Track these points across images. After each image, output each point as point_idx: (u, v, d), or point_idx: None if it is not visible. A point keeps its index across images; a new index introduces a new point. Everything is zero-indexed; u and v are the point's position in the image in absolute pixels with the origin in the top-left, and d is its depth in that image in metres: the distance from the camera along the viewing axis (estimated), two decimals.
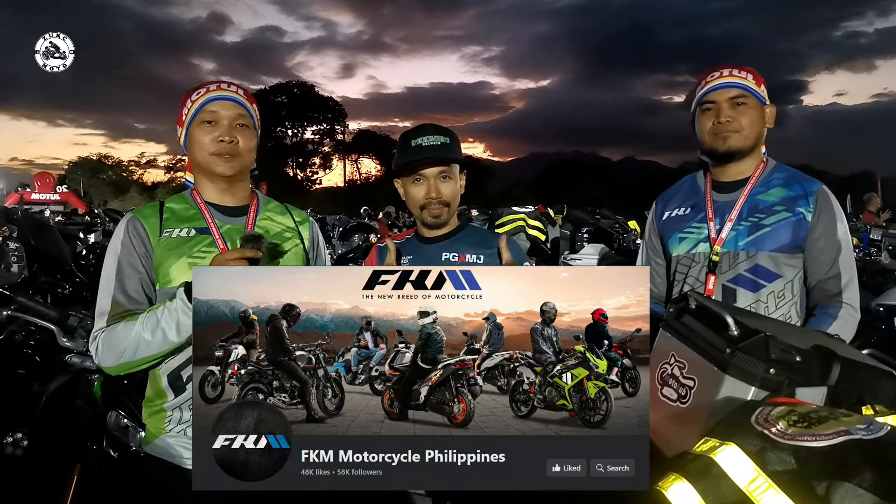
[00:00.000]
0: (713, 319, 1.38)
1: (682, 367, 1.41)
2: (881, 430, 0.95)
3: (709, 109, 2.25)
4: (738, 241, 2.21)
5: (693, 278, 2.29)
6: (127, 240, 1.92)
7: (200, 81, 2.13)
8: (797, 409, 1.05)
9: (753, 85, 2.23)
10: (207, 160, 1.97)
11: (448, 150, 2.10)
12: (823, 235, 2.18)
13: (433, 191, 2.09)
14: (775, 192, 2.24)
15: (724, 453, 1.02)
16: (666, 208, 2.45)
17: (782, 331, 1.36)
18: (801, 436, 0.97)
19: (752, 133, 2.22)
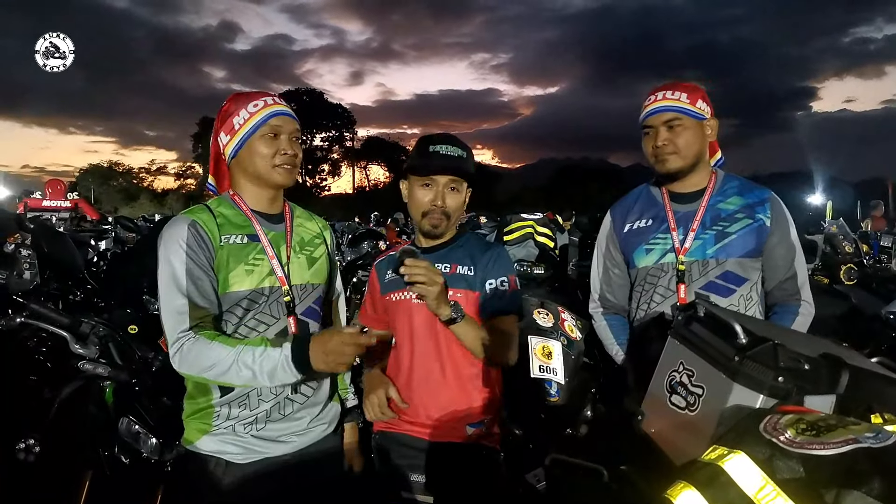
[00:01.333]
0: (721, 327, 1.38)
1: (691, 375, 1.41)
2: (890, 439, 0.94)
3: (648, 133, 2.34)
4: (706, 249, 2.29)
5: (663, 287, 2.34)
6: (193, 242, 1.94)
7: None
8: (806, 418, 1.05)
9: (687, 104, 2.29)
10: (269, 171, 2.04)
11: (464, 163, 2.14)
12: (781, 240, 2.31)
13: (439, 198, 2.11)
14: (733, 201, 2.33)
15: (733, 461, 1.02)
16: (626, 220, 2.49)
17: (790, 338, 1.36)
18: (810, 444, 0.97)
19: (689, 153, 2.30)
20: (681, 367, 1.45)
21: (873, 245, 7.56)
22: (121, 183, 67.10)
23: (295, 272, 2.08)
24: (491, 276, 2.16)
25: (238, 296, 1.95)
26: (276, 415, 2.00)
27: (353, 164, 77.92)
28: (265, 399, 1.98)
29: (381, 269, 2.30)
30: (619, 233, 2.50)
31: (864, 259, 6.40)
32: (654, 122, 2.30)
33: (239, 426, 1.96)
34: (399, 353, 2.19)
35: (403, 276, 1.92)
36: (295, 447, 2.04)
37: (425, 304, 1.97)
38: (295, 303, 2.04)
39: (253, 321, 1.97)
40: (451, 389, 2.12)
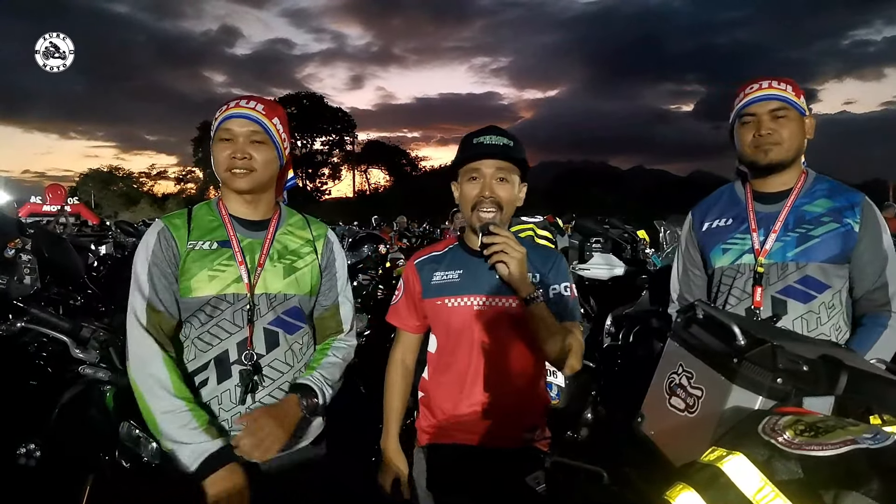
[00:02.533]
0: (720, 329, 1.38)
1: (690, 377, 1.41)
2: (888, 440, 0.94)
3: (749, 122, 2.25)
4: (787, 252, 2.20)
5: (739, 290, 2.27)
6: (159, 248, 1.99)
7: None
8: (804, 419, 1.05)
9: (793, 97, 2.21)
10: (224, 175, 2.04)
11: (510, 150, 2.03)
12: (871, 246, 2.18)
13: (487, 189, 2.01)
14: (821, 203, 2.23)
15: (732, 463, 1.02)
16: (705, 219, 2.43)
17: (790, 340, 1.36)
18: (809, 445, 0.97)
19: (792, 145, 2.22)
20: (680, 368, 1.45)
21: None
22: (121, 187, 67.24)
23: (265, 281, 2.05)
24: (553, 282, 2.09)
25: (199, 301, 1.97)
26: (237, 426, 1.95)
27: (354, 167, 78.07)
28: (225, 408, 1.98)
29: (422, 269, 2.20)
30: (698, 232, 2.45)
31: None
32: (759, 109, 2.22)
33: None
34: (452, 360, 2.11)
35: (485, 250, 1.85)
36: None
37: (506, 277, 1.84)
38: (259, 312, 2.02)
39: (216, 328, 1.98)
40: (510, 396, 2.06)
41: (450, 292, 2.09)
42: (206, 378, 1.98)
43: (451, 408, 2.07)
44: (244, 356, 1.99)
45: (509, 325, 2.02)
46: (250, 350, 1.99)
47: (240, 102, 2.07)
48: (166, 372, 1.89)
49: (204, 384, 1.98)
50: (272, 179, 2.12)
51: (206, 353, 1.98)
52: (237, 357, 1.99)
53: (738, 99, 2.29)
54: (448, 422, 2.08)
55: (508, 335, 2.03)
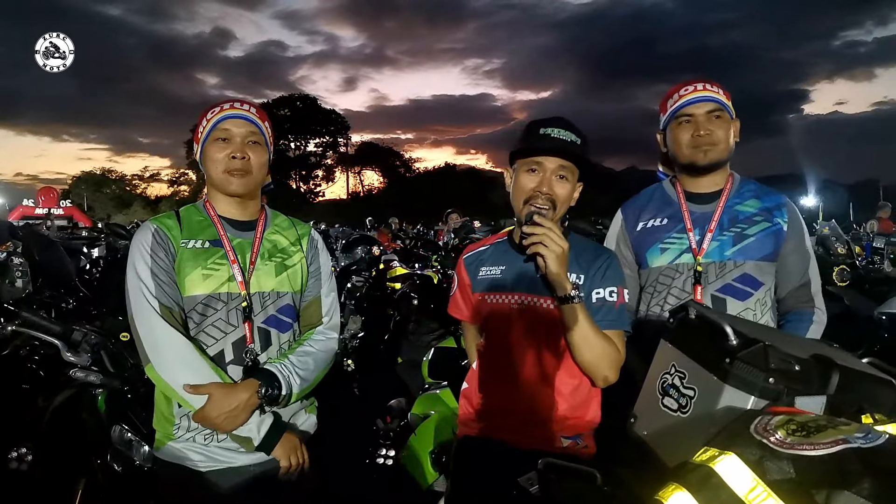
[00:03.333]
0: (712, 329, 1.38)
1: (683, 377, 1.41)
2: (879, 439, 0.95)
3: (686, 122, 2.27)
4: (724, 250, 2.24)
5: (678, 289, 2.29)
6: (157, 245, 1.98)
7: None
8: (796, 419, 1.05)
9: (725, 99, 2.26)
10: (220, 176, 2.04)
11: (577, 149, 1.94)
12: (796, 245, 2.28)
13: (545, 184, 1.93)
14: (751, 204, 2.30)
15: (724, 462, 1.02)
16: (640, 218, 2.43)
17: (781, 339, 1.36)
18: (800, 445, 0.97)
19: (727, 146, 2.27)
20: (672, 369, 1.45)
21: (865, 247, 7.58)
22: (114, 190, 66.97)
23: (258, 279, 2.06)
24: (599, 285, 1.99)
25: (194, 300, 1.97)
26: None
27: (348, 169, 77.94)
28: None
29: (470, 263, 2.16)
30: (632, 231, 2.44)
31: (857, 260, 6.41)
32: (696, 110, 2.25)
33: (199, 436, 1.97)
34: (492, 355, 2.07)
35: (524, 240, 1.82)
36: (257, 458, 2.01)
37: (546, 271, 1.81)
38: (254, 310, 2.03)
39: (211, 328, 1.98)
40: (550, 399, 1.97)
41: (491, 287, 2.05)
42: None
43: (489, 402, 2.04)
44: (245, 353, 1.99)
45: (548, 326, 1.94)
46: (251, 347, 2.00)
47: (234, 104, 2.08)
48: (199, 358, 1.91)
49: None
50: (263, 181, 2.13)
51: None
52: (233, 357, 1.99)
53: (671, 100, 2.32)
54: (485, 416, 2.05)
55: (548, 337, 1.95)
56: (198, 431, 1.96)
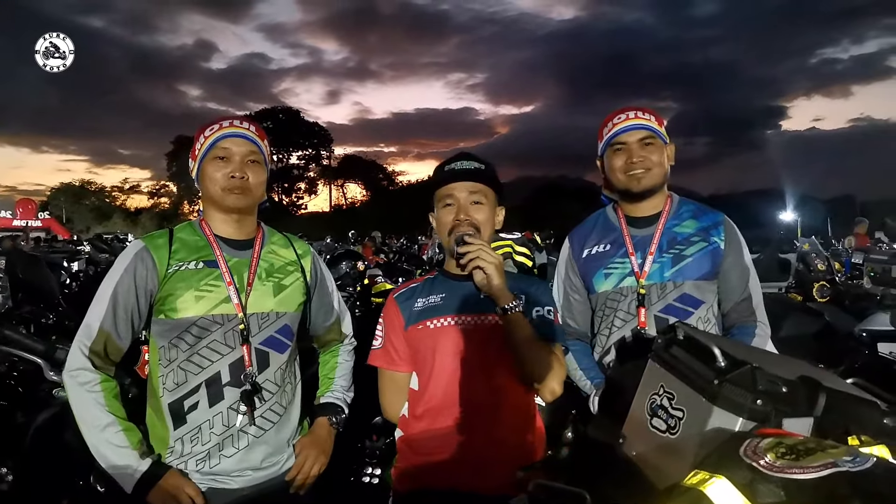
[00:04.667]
0: (700, 350, 1.39)
1: (671, 398, 1.41)
2: (867, 462, 0.96)
3: (620, 150, 2.35)
4: (664, 272, 2.31)
5: (623, 311, 2.35)
6: (132, 268, 1.96)
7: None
8: (785, 441, 1.06)
9: (657, 126, 2.34)
10: (219, 195, 2.02)
11: (483, 173, 2.04)
12: (735, 262, 2.35)
13: (462, 212, 2.00)
14: (688, 224, 2.38)
15: (714, 486, 1.02)
16: (585, 245, 2.50)
17: (768, 361, 1.37)
18: (790, 468, 0.98)
19: (660, 171, 2.35)
20: (661, 389, 1.46)
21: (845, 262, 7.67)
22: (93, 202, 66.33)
23: (256, 300, 2.04)
24: (537, 304, 2.07)
25: (186, 322, 1.94)
26: (229, 448, 1.97)
27: (330, 182, 77.90)
28: (216, 431, 1.95)
29: (404, 301, 2.12)
30: (578, 258, 2.51)
31: (837, 276, 6.49)
32: (628, 138, 2.33)
33: (191, 462, 1.95)
34: (436, 390, 1.98)
35: (460, 259, 1.86)
36: (252, 481, 2.01)
37: (482, 283, 1.86)
38: (251, 332, 2.00)
39: (206, 350, 1.95)
40: (504, 427, 1.95)
41: (432, 314, 2.04)
42: (196, 402, 1.95)
43: (437, 446, 1.95)
44: (244, 376, 1.97)
45: (497, 344, 1.95)
46: (250, 369, 1.98)
47: (234, 122, 2.06)
48: (101, 393, 1.89)
49: (194, 408, 1.95)
50: (260, 200, 2.12)
51: (197, 376, 1.95)
52: (229, 378, 1.96)
53: (606, 129, 2.41)
54: (434, 462, 1.95)
55: (497, 357, 1.95)
56: (191, 457, 1.94)
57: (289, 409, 2.11)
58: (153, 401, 2.00)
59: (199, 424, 1.95)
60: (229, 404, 1.96)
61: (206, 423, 1.95)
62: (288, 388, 2.12)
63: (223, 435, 1.96)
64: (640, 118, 2.33)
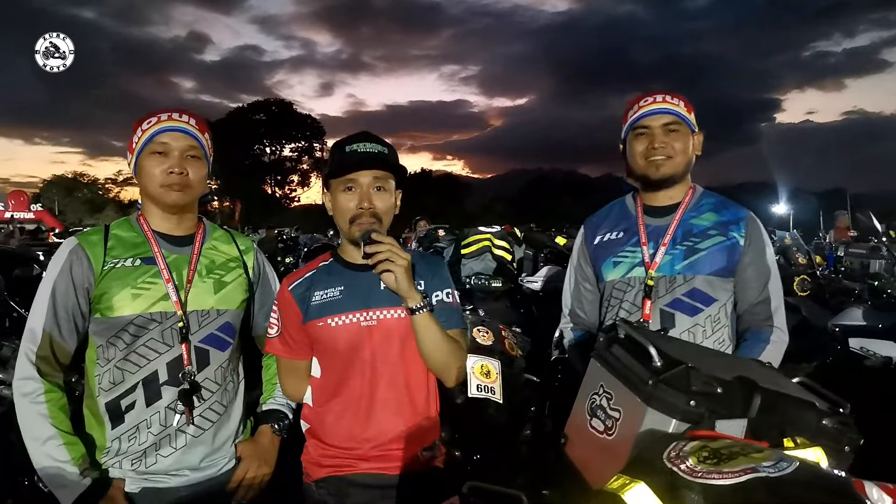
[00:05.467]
0: (639, 349, 1.36)
1: (610, 399, 1.39)
2: (789, 467, 0.93)
3: (642, 134, 2.25)
4: (675, 264, 2.20)
5: (629, 303, 2.26)
6: (67, 268, 1.91)
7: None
8: (710, 445, 1.03)
9: (685, 112, 2.23)
10: (157, 191, 1.96)
11: (386, 157, 1.94)
12: (754, 261, 2.22)
13: (365, 200, 1.90)
14: (707, 217, 2.25)
15: (633, 492, 1.00)
16: (597, 233, 2.42)
17: (709, 361, 1.34)
18: (710, 473, 0.95)
19: (683, 160, 2.23)
20: (601, 389, 1.43)
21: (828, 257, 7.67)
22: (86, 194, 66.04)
23: (196, 297, 1.99)
24: (437, 287, 2.01)
25: (122, 321, 1.89)
26: (166, 447, 1.93)
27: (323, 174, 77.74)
28: (153, 431, 1.92)
29: (300, 294, 2.00)
30: (590, 246, 2.42)
31: (818, 271, 6.48)
32: (652, 122, 2.22)
33: (125, 461, 1.91)
34: (343, 383, 1.94)
35: (368, 259, 1.79)
36: (189, 481, 1.97)
37: (393, 285, 1.81)
38: (190, 329, 1.96)
39: (143, 348, 1.90)
40: (409, 415, 1.95)
41: (332, 311, 1.94)
42: (134, 401, 1.91)
43: (346, 435, 1.93)
44: (182, 375, 1.93)
45: (401, 337, 1.92)
46: (188, 368, 1.94)
47: (172, 115, 1.99)
48: (45, 405, 1.85)
49: (131, 408, 1.91)
50: (200, 195, 2.07)
51: (134, 375, 1.90)
52: (167, 377, 1.92)
53: (630, 111, 2.29)
54: (344, 450, 1.93)
55: (402, 349, 1.92)
56: (126, 456, 1.91)
57: (229, 408, 2.07)
58: (89, 401, 1.95)
59: (137, 424, 1.91)
60: (167, 403, 1.92)
61: (143, 423, 1.91)
62: (230, 388, 2.08)
63: (160, 434, 1.92)
64: (667, 102, 2.22)
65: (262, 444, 2.13)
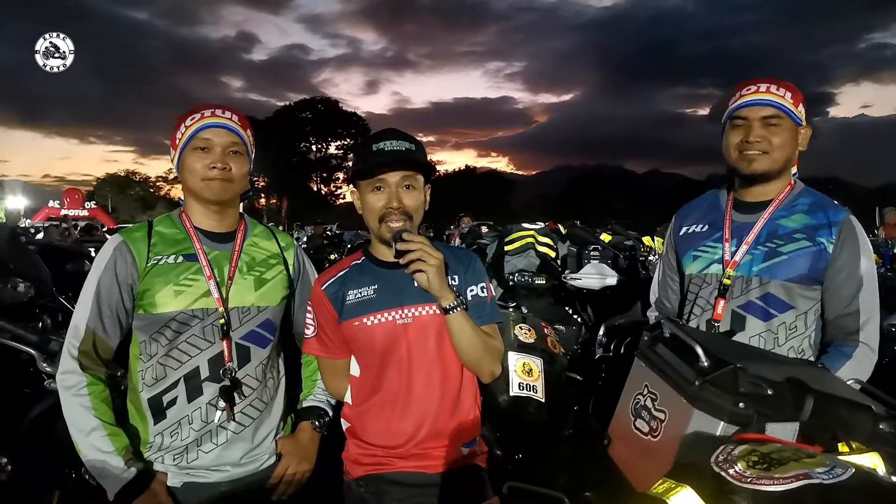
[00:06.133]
0: (685, 349, 1.32)
1: (654, 399, 1.35)
2: (844, 474, 0.89)
3: (739, 125, 2.12)
4: (753, 266, 2.10)
5: (703, 300, 2.18)
6: (111, 264, 1.93)
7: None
8: (760, 449, 1.00)
9: (790, 104, 2.08)
10: (199, 186, 1.97)
11: (414, 155, 1.92)
12: (845, 268, 2.04)
13: (394, 199, 1.88)
14: (797, 219, 2.10)
15: (679, 497, 0.97)
16: (684, 223, 2.34)
17: (758, 362, 1.29)
18: (759, 479, 0.92)
19: (781, 156, 2.08)
20: (645, 389, 1.39)
21: (884, 254, 7.37)
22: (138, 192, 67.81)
23: (236, 294, 2.00)
24: (472, 282, 1.98)
25: (165, 317, 1.91)
26: (207, 443, 1.95)
27: None
28: (195, 427, 1.93)
29: (334, 293, 1.99)
30: (677, 236, 2.36)
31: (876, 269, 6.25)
32: (751, 114, 2.08)
33: (168, 457, 1.93)
34: (380, 382, 1.94)
35: (400, 259, 1.78)
36: (230, 476, 1.98)
37: (425, 285, 1.79)
38: (231, 326, 1.97)
39: (185, 344, 1.92)
40: (447, 411, 1.93)
41: (368, 310, 1.93)
42: (175, 397, 1.92)
43: (385, 433, 1.93)
44: (223, 371, 1.94)
45: (437, 334, 1.91)
46: (229, 365, 1.95)
47: (215, 111, 2.01)
48: (88, 397, 1.87)
49: (172, 403, 1.92)
50: (242, 191, 2.08)
51: (176, 371, 1.92)
52: (208, 374, 1.93)
53: (732, 99, 2.16)
54: (383, 448, 1.93)
55: (438, 345, 1.91)
56: (168, 451, 1.93)
57: (270, 405, 2.08)
58: (133, 395, 1.98)
59: (178, 420, 1.93)
60: (208, 400, 1.93)
61: (184, 419, 1.93)
62: (270, 384, 2.08)
63: (201, 430, 1.93)
64: (771, 93, 2.07)
65: (303, 440, 2.13)
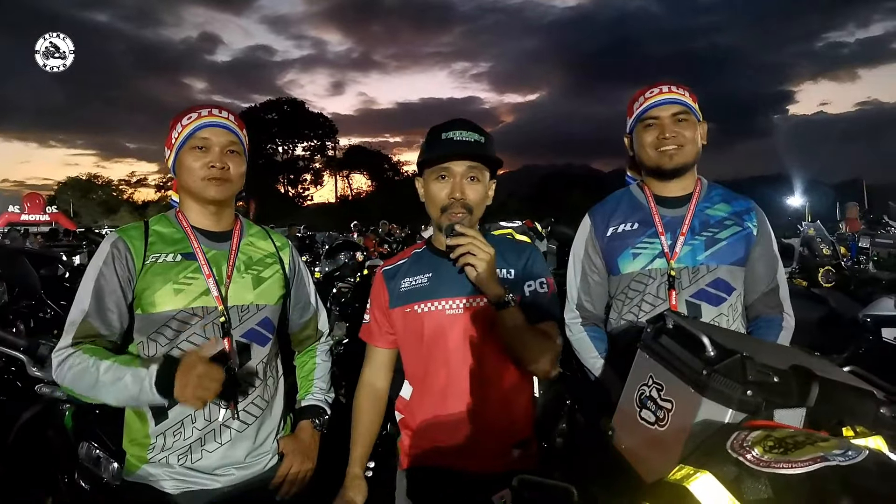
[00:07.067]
0: (690, 340, 1.34)
1: (660, 389, 1.37)
2: (859, 456, 0.92)
3: (651, 125, 2.24)
4: (697, 255, 2.20)
5: (652, 295, 2.24)
6: (110, 260, 1.90)
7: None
8: (774, 434, 1.02)
9: (691, 101, 2.23)
10: (198, 185, 1.97)
11: (482, 148, 1.91)
12: (765, 250, 2.26)
13: (457, 190, 1.89)
14: (721, 208, 2.27)
15: (699, 482, 0.99)
16: (610, 223, 2.37)
17: (760, 350, 1.32)
18: (777, 463, 0.94)
19: (693, 149, 2.24)
20: (650, 380, 1.41)
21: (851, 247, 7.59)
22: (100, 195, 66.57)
23: (235, 292, 2.00)
24: (530, 277, 1.98)
25: (164, 316, 1.89)
26: (211, 443, 1.93)
27: (336, 173, 77.92)
28: (198, 426, 1.91)
29: (391, 277, 2.05)
30: (601, 237, 2.38)
31: (842, 261, 6.41)
32: (661, 113, 2.22)
33: (172, 457, 1.90)
34: (427, 373, 1.95)
35: (451, 252, 1.78)
36: (233, 480, 1.97)
37: (474, 279, 1.78)
38: (231, 324, 1.96)
39: (186, 343, 1.90)
40: (494, 407, 1.90)
41: (420, 297, 1.95)
42: None
43: (430, 426, 1.92)
44: (225, 369, 1.92)
45: (486, 327, 1.88)
46: (231, 363, 1.94)
47: (213, 111, 2.00)
48: (85, 355, 1.79)
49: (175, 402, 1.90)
50: (239, 190, 2.07)
51: None
52: None
53: (637, 103, 2.29)
54: (429, 442, 1.93)
55: (487, 339, 1.89)
56: (171, 452, 1.90)
57: (271, 403, 2.08)
58: None
59: (181, 419, 1.91)
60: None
61: (187, 418, 1.91)
62: (270, 383, 2.08)
63: (205, 429, 1.92)
64: (675, 92, 2.22)
65: (304, 439, 2.15)
